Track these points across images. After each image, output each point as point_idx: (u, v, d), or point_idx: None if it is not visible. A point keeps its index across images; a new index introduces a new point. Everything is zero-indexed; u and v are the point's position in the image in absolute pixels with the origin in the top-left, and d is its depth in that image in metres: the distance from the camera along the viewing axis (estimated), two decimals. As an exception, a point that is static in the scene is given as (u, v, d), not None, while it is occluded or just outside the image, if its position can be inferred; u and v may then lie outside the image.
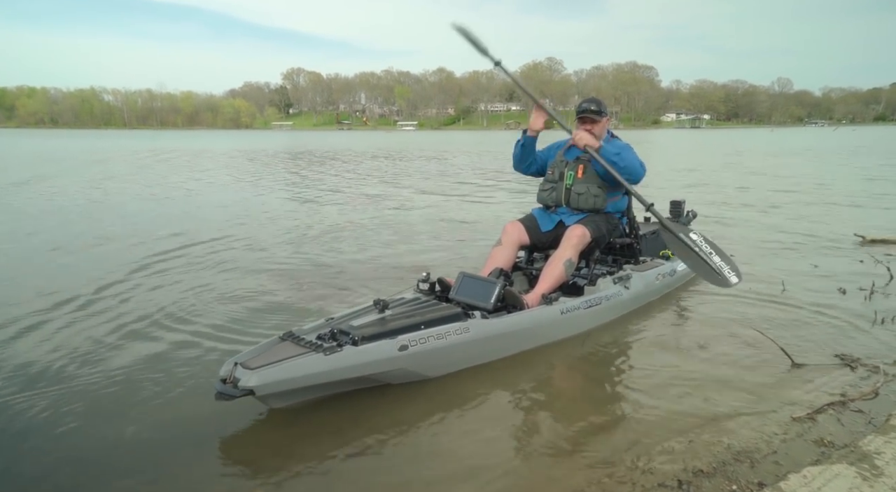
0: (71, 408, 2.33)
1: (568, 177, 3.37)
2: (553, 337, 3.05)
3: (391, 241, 5.75)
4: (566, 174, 3.38)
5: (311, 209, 8.07)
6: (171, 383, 2.59)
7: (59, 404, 2.36)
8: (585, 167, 3.33)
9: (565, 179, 3.38)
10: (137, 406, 2.37)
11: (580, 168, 3.34)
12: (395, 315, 2.63)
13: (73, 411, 2.31)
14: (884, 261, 4.55)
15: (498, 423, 2.29)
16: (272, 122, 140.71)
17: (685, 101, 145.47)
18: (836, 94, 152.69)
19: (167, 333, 3.20)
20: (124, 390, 2.51)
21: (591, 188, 3.30)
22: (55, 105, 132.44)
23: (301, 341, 2.37)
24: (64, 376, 2.62)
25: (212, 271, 4.52)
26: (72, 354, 2.86)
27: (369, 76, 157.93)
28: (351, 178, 13.43)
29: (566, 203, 3.38)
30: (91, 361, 2.79)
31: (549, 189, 3.45)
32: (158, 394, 2.48)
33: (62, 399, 2.40)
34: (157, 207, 8.26)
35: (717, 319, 3.40)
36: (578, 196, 3.32)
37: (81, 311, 3.54)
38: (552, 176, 3.45)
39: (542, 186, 3.51)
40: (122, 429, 2.20)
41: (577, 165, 3.35)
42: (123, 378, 2.62)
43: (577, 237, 3.18)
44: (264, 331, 3.16)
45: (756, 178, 12.58)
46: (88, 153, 24.06)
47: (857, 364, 2.74)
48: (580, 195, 3.32)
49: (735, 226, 6.44)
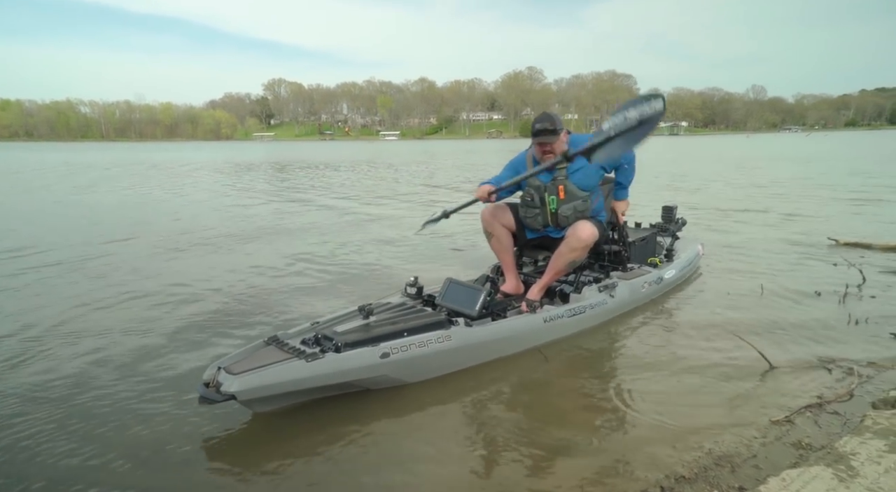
0: (52, 418, 2.28)
1: (550, 202, 3.22)
2: (536, 342, 3.07)
3: (381, 246, 5.73)
4: (547, 199, 3.23)
5: (297, 215, 8.03)
6: (155, 386, 2.58)
7: (38, 418, 2.30)
8: (566, 186, 3.19)
9: (548, 204, 3.23)
10: (120, 411, 2.33)
11: (560, 189, 3.19)
12: (379, 321, 2.65)
13: (55, 421, 2.26)
14: (857, 264, 4.65)
15: (475, 430, 2.29)
16: (253, 133, 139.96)
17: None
18: (808, 100, 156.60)
19: (152, 336, 3.18)
20: (107, 393, 2.48)
21: (577, 205, 3.20)
22: (30, 117, 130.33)
23: (285, 346, 2.40)
24: (44, 389, 2.56)
25: (199, 272, 4.47)
26: (55, 364, 2.81)
27: (351, 86, 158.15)
28: (340, 187, 13.38)
29: (555, 226, 3.31)
30: (80, 367, 2.74)
31: (533, 215, 3.31)
32: (141, 396, 2.47)
33: (42, 412, 2.35)
34: (125, 215, 8.15)
35: (696, 324, 3.44)
36: (566, 218, 3.23)
37: (67, 318, 3.48)
38: (532, 201, 3.28)
39: (524, 212, 3.35)
40: (103, 432, 2.18)
41: (556, 187, 3.19)
42: (107, 381, 2.58)
43: (589, 236, 3.10)
44: (252, 333, 3.18)
45: (732, 183, 12.81)
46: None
47: (832, 366, 2.79)
48: (567, 217, 3.23)
49: (712, 231, 6.54)
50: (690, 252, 4.48)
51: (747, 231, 6.60)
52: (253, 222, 7.83)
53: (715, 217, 7.69)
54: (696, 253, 4.56)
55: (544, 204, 3.24)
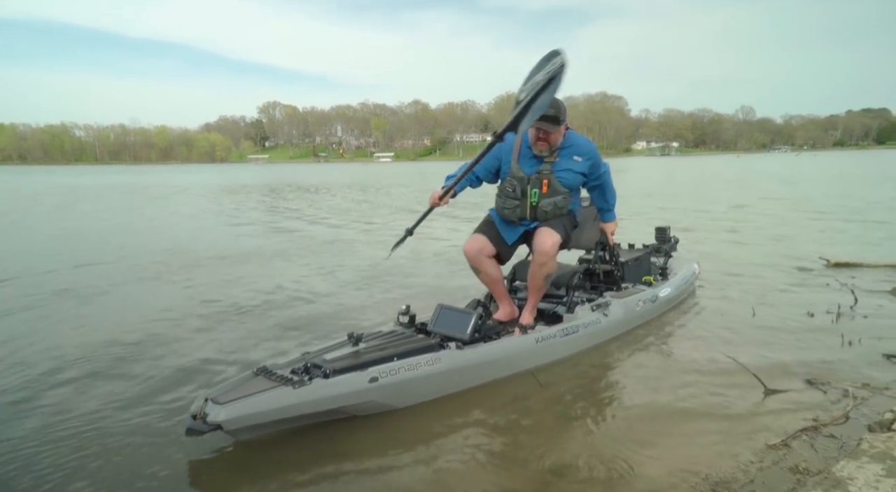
0: (39, 450, 2.23)
1: (532, 195, 3.13)
2: (529, 364, 3.05)
3: (371, 273, 5.71)
4: (529, 192, 3.13)
5: (283, 240, 8.01)
6: (143, 420, 2.52)
7: (23, 451, 2.26)
8: (550, 181, 3.11)
9: (529, 196, 3.13)
10: (106, 444, 2.28)
11: (544, 184, 3.10)
12: (368, 348, 2.64)
13: (42, 454, 2.21)
14: (848, 284, 4.67)
15: (464, 456, 2.26)
16: (248, 155, 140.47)
17: (654, 129, 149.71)
18: (796, 121, 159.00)
19: (139, 366, 3.12)
20: (94, 427, 2.42)
21: (558, 201, 3.14)
22: (24, 141, 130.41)
23: (273, 376, 2.37)
24: (28, 419, 2.51)
25: (189, 305, 4.43)
26: (35, 392, 2.76)
27: (345, 109, 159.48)
28: (329, 210, 13.40)
29: (533, 219, 3.21)
30: (63, 397, 2.69)
31: (512, 207, 3.19)
32: (127, 431, 2.42)
33: (27, 445, 2.30)
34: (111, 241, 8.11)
35: (690, 347, 3.44)
36: (546, 212, 3.16)
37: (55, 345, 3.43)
38: (512, 192, 3.16)
39: (502, 202, 3.23)
40: (91, 466, 2.12)
41: (540, 181, 3.11)
42: (95, 415, 2.53)
43: (551, 247, 3.07)
44: (244, 367, 3.11)
45: (723, 202, 12.93)
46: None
47: (827, 388, 2.78)
48: (547, 212, 3.16)
49: (704, 251, 6.57)
50: (686, 270, 4.49)
51: (738, 251, 6.64)
52: (237, 248, 7.79)
53: (706, 237, 7.73)
54: (692, 271, 4.57)
55: (525, 196, 3.14)
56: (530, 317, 3.28)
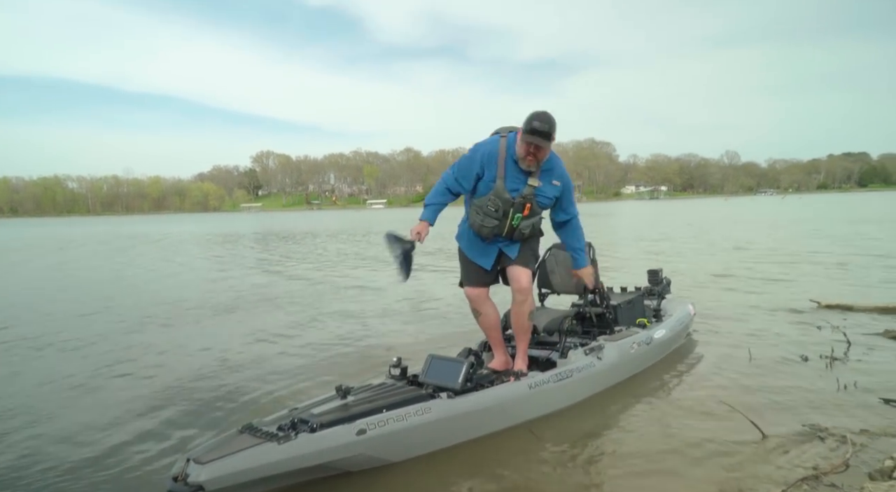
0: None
1: (515, 218, 3.11)
2: (524, 415, 2.99)
3: (363, 320, 5.66)
4: (512, 215, 3.10)
5: (272, 287, 7.96)
6: (124, 484, 2.44)
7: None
8: (532, 205, 3.11)
9: (510, 218, 3.11)
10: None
11: (527, 207, 3.10)
12: (357, 401, 2.58)
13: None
14: (840, 326, 4.68)
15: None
16: (241, 204, 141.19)
17: (643, 173, 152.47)
18: (780, 164, 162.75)
19: (120, 423, 3.05)
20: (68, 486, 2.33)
21: (535, 222, 3.18)
22: (16, 194, 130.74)
23: (258, 432, 2.28)
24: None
25: (167, 352, 4.35)
26: (17, 453, 2.65)
27: (338, 157, 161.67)
28: (324, 261, 13.39)
29: (508, 238, 3.19)
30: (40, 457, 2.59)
31: (491, 225, 3.13)
32: None
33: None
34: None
35: (687, 395, 3.40)
36: (523, 233, 3.17)
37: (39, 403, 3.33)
38: (494, 212, 3.10)
39: (481, 220, 3.14)
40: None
41: (523, 205, 3.09)
42: (74, 477, 2.44)
43: (528, 283, 3.16)
44: (228, 421, 3.04)
45: (715, 245, 13.05)
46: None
47: (825, 434, 2.74)
48: (524, 233, 3.17)
49: (697, 295, 6.58)
50: (681, 312, 4.48)
51: (730, 295, 6.66)
52: (224, 297, 7.75)
53: (699, 281, 7.77)
54: (686, 313, 4.56)
55: (507, 217, 3.11)
56: (522, 363, 3.25)
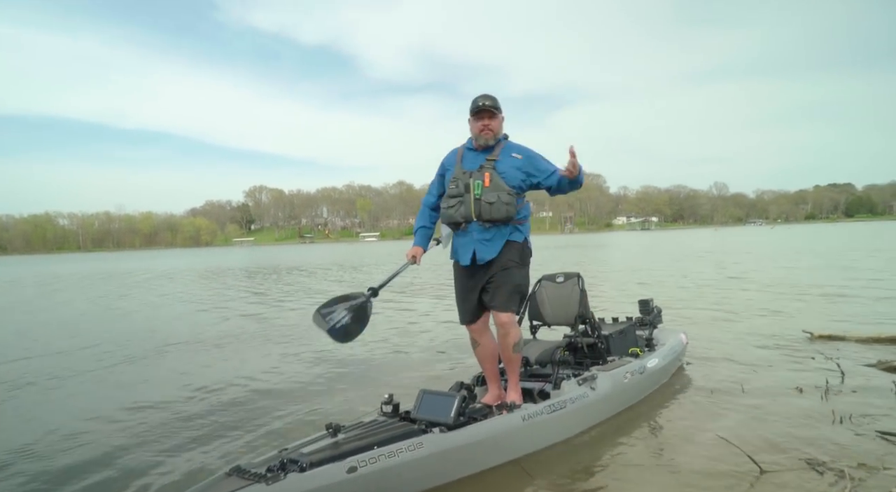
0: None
1: (476, 187, 3.10)
2: (518, 449, 2.94)
3: (356, 360, 5.60)
4: (472, 184, 3.11)
5: (259, 322, 7.88)
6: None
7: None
8: (491, 174, 3.12)
9: (472, 189, 3.11)
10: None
11: (486, 176, 3.11)
12: (348, 438, 2.53)
13: None
14: (833, 357, 4.67)
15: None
16: (233, 238, 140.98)
17: (633, 205, 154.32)
18: (767, 195, 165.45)
19: (106, 472, 2.94)
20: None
21: (502, 196, 3.08)
22: (6, 232, 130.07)
23: (246, 474, 2.21)
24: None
25: (152, 390, 4.26)
26: None
27: (331, 191, 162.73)
28: (306, 290, 13.32)
29: (477, 216, 3.12)
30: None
31: (455, 205, 3.15)
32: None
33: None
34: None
35: (682, 428, 3.36)
36: (490, 206, 3.08)
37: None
38: (456, 190, 3.16)
39: (446, 203, 3.21)
40: None
41: (482, 174, 3.12)
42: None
43: (505, 319, 3.12)
44: (213, 465, 2.94)
45: (706, 276, 13.12)
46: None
47: (823, 468, 2.71)
48: (492, 205, 3.08)
49: (692, 323, 6.57)
50: (673, 341, 4.48)
51: (723, 323, 6.66)
52: (210, 332, 7.66)
53: (691, 310, 7.77)
54: (679, 341, 4.56)
55: (469, 190, 3.12)
56: (515, 394, 3.21)
